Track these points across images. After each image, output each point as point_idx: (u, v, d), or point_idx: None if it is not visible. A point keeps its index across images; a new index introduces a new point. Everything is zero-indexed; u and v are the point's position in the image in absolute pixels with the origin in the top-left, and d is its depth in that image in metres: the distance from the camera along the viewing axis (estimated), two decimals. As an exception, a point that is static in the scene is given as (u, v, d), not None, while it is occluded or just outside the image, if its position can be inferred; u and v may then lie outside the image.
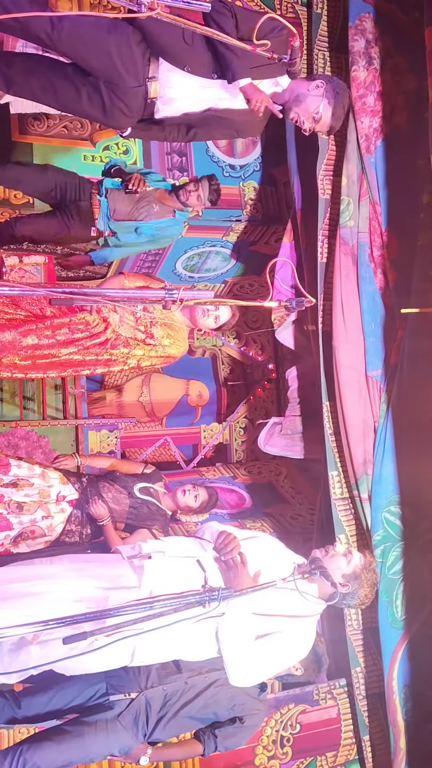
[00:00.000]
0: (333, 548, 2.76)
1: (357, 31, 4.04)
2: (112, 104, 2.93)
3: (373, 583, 2.79)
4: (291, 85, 2.96)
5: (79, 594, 2.59)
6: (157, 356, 3.58)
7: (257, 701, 3.09)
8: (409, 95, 4.15)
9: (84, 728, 2.82)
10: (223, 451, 6.05)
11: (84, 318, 3.42)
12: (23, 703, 2.90)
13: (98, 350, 3.46)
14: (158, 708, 2.91)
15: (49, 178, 3.90)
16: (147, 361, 3.60)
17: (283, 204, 5.11)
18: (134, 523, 3.58)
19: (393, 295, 4.12)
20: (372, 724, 4.15)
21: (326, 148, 4.13)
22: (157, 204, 3.94)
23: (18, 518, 3.37)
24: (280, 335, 4.68)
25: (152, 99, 2.92)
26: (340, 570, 2.71)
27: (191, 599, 2.11)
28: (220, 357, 6.10)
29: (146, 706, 2.90)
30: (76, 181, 3.94)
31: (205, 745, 3.03)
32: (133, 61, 2.83)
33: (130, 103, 2.93)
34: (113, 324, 3.45)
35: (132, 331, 3.48)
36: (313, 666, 3.09)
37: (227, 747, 3.09)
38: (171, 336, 3.56)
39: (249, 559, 2.63)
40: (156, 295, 2.47)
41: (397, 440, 4.04)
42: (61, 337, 3.37)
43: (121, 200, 3.90)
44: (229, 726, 3.03)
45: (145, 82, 2.87)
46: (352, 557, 2.76)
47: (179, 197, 3.93)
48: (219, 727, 3.03)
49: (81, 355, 3.42)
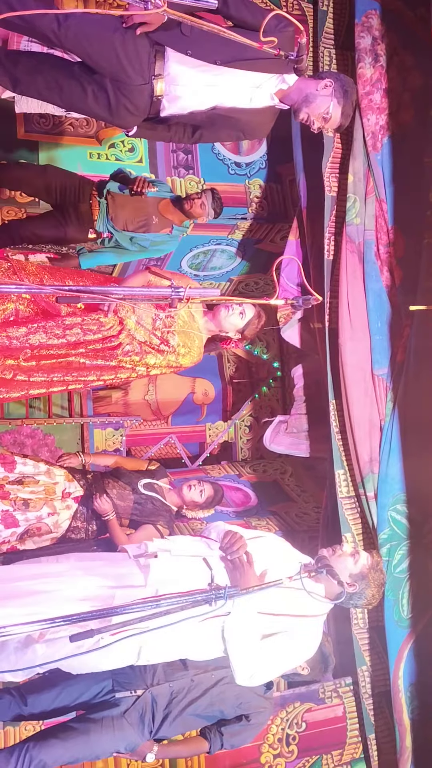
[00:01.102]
0: (340, 548, 2.75)
1: (363, 28, 4.03)
2: (117, 102, 2.91)
3: (381, 583, 2.78)
4: (298, 84, 2.93)
5: (85, 593, 2.58)
6: (167, 365, 3.41)
7: (263, 699, 3.09)
8: (415, 92, 4.13)
9: (90, 725, 2.83)
10: (228, 449, 6.06)
11: (98, 318, 3.24)
12: (29, 700, 2.91)
13: (108, 354, 3.28)
14: (164, 705, 2.92)
15: (48, 179, 3.90)
16: (157, 370, 3.44)
17: (288, 201, 5.10)
18: (139, 519, 3.57)
19: (399, 293, 4.11)
20: (378, 722, 4.15)
21: (332, 145, 4.12)
22: (157, 216, 3.92)
23: (24, 515, 3.37)
24: (286, 333, 4.68)
25: (158, 97, 2.90)
26: (347, 570, 2.70)
27: (198, 597, 2.11)
28: (226, 355, 6.10)
29: (152, 703, 2.91)
30: (75, 183, 3.92)
31: (211, 743, 3.04)
32: (138, 59, 2.82)
33: (135, 101, 2.91)
34: (129, 327, 3.25)
35: (147, 336, 3.28)
36: (320, 666, 3.09)
37: (233, 745, 3.09)
38: (187, 345, 3.37)
39: (255, 558, 2.62)
40: (162, 293, 2.47)
41: (404, 439, 4.04)
42: (71, 338, 3.20)
43: (122, 206, 3.89)
44: (236, 724, 3.04)
45: (151, 79, 2.85)
46: (360, 557, 2.75)
47: (183, 207, 3.90)
48: (225, 725, 3.04)
49: (88, 359, 3.26)
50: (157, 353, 3.33)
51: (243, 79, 2.85)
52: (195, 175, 4.93)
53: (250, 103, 2.91)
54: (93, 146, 4.64)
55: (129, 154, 4.70)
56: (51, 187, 3.90)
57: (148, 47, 2.82)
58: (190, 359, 3.41)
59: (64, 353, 3.20)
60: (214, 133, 3.17)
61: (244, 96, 2.89)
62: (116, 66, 2.82)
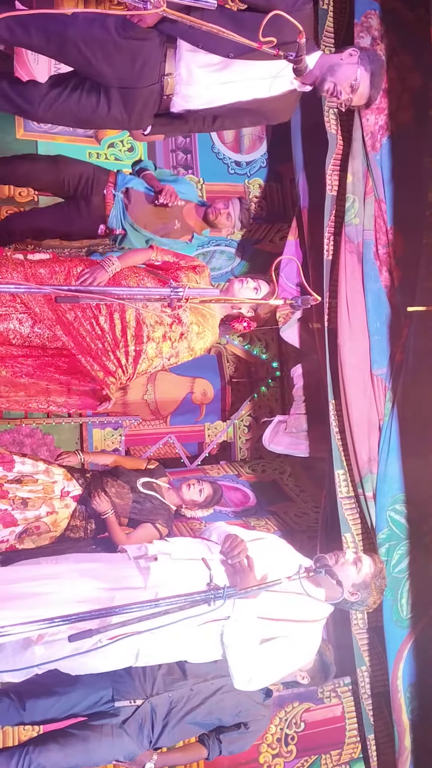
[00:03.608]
0: (342, 555, 2.73)
1: (363, 28, 4.02)
2: (128, 108, 2.83)
3: (382, 589, 2.77)
4: (320, 61, 2.77)
5: (83, 594, 2.58)
6: (177, 345, 3.04)
7: (262, 707, 3.10)
8: (414, 93, 4.13)
9: (89, 733, 2.83)
10: (227, 449, 6.04)
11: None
12: (28, 705, 2.89)
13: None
14: (163, 715, 2.92)
15: (60, 170, 3.65)
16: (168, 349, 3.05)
17: (287, 201, 5.10)
18: (138, 517, 3.57)
19: (398, 294, 4.11)
20: (377, 722, 4.15)
21: (335, 142, 4.09)
22: (180, 222, 3.66)
23: (23, 514, 3.37)
24: (285, 333, 4.67)
25: (168, 95, 2.80)
26: (350, 579, 2.68)
27: (196, 597, 2.11)
28: (225, 355, 6.10)
29: (152, 713, 2.90)
30: (90, 172, 3.67)
31: (210, 750, 3.04)
32: (144, 60, 2.72)
33: (145, 102, 2.82)
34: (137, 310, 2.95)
35: (157, 314, 2.95)
36: (320, 675, 3.06)
37: (231, 752, 3.10)
38: (201, 324, 3.06)
39: (256, 561, 2.61)
40: (161, 293, 2.46)
41: (402, 439, 4.03)
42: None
43: (142, 204, 3.61)
44: (234, 731, 3.04)
45: (161, 79, 2.75)
46: (362, 565, 2.72)
47: (207, 216, 3.66)
48: (224, 732, 3.04)
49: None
50: (170, 331, 3.02)
51: (260, 70, 2.72)
52: (194, 175, 4.91)
53: (270, 91, 2.78)
54: (92, 145, 4.63)
55: (128, 153, 4.69)
56: (63, 179, 3.61)
57: (157, 44, 2.72)
58: (203, 342, 3.12)
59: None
60: (236, 120, 3.05)
61: (263, 87, 2.78)
62: (122, 70, 2.74)
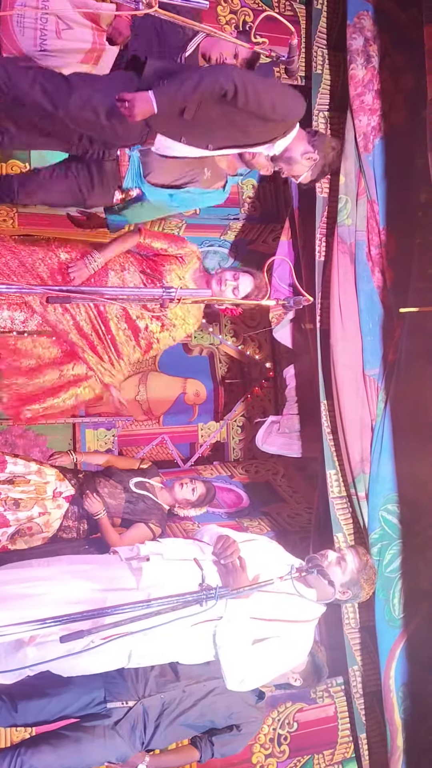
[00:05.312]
0: (326, 559, 2.74)
1: (355, 29, 4.03)
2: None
3: (372, 580, 2.78)
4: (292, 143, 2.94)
5: (76, 595, 2.58)
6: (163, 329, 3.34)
7: (254, 709, 3.10)
8: (407, 93, 4.14)
9: (82, 734, 2.83)
10: (220, 449, 6.05)
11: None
12: (20, 707, 2.88)
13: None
14: (156, 716, 2.92)
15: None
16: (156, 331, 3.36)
17: (281, 202, 5.10)
18: (131, 517, 3.57)
19: (391, 294, 4.12)
20: (369, 722, 4.16)
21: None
22: (210, 169, 3.43)
23: (15, 515, 3.37)
24: (278, 334, 4.68)
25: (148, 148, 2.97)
26: (337, 580, 2.69)
27: (189, 597, 2.11)
28: (218, 355, 6.10)
29: (144, 714, 2.90)
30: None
31: (202, 752, 3.04)
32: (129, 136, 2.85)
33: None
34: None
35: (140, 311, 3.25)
36: (313, 677, 3.07)
37: (224, 754, 3.11)
38: (182, 310, 3.32)
39: (248, 563, 2.62)
40: (153, 294, 2.47)
41: (395, 439, 4.04)
42: None
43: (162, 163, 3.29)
44: (227, 733, 3.04)
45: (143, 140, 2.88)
46: (346, 564, 2.74)
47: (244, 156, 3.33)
48: (216, 734, 3.04)
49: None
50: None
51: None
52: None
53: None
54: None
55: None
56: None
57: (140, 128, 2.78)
58: (186, 327, 3.41)
59: None
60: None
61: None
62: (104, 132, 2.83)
